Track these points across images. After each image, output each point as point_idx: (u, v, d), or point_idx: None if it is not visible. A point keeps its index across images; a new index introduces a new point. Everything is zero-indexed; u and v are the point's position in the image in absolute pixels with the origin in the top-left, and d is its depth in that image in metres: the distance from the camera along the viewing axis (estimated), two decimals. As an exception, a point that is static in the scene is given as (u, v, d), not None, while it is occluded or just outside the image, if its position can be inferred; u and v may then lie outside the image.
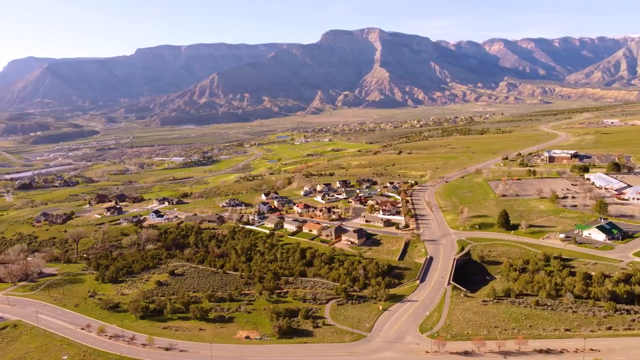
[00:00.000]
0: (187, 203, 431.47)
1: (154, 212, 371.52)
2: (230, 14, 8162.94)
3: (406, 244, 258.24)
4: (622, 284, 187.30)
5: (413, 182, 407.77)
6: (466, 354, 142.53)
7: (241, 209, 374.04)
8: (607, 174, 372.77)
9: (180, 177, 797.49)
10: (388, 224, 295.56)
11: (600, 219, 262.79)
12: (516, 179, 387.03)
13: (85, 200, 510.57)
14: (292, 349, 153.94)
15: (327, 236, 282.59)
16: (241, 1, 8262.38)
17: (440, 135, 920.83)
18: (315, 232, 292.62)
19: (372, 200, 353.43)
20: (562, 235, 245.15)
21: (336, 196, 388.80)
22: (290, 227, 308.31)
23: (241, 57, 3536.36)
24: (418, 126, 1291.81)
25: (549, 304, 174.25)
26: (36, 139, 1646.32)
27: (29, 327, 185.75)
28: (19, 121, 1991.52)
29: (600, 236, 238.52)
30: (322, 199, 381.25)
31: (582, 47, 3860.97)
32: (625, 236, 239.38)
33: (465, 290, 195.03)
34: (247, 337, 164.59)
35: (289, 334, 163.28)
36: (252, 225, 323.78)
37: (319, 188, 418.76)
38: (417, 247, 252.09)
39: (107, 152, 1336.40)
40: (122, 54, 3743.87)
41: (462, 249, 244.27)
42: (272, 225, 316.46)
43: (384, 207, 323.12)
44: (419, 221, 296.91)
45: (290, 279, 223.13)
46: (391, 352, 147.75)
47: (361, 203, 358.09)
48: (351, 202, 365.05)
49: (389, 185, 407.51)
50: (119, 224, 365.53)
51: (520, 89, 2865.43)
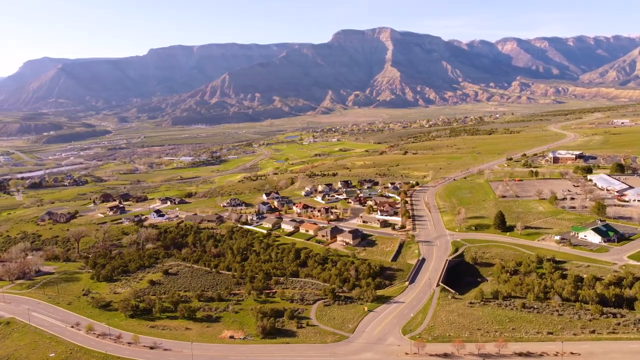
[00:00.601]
0: (189, 203, 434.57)
1: (155, 211, 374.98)
2: (242, 14, 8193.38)
3: (400, 245, 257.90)
4: (613, 287, 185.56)
5: (414, 183, 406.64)
6: (445, 356, 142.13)
7: (241, 209, 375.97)
8: (610, 175, 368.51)
9: (187, 177, 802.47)
10: (385, 224, 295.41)
11: (598, 220, 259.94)
12: (518, 180, 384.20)
13: (90, 199, 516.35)
14: (274, 349, 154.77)
15: (323, 237, 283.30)
16: (253, 1, 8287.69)
17: (448, 135, 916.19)
18: (311, 232, 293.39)
19: (371, 200, 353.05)
20: (557, 237, 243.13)
21: (336, 196, 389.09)
22: (287, 227, 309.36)
23: (252, 57, 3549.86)
24: (427, 126, 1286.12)
25: (535, 306, 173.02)
26: (49, 139, 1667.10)
27: (21, 324, 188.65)
28: (32, 121, 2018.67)
29: (595, 238, 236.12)
30: (322, 200, 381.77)
31: (596, 46, 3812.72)
32: (621, 238, 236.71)
33: (453, 292, 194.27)
34: (232, 337, 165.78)
35: (272, 334, 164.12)
36: (251, 225, 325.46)
37: (320, 188, 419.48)
38: (411, 248, 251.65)
39: (118, 151, 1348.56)
40: (135, 54, 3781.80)
41: (456, 250, 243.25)
42: (270, 226, 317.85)
43: (382, 208, 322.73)
44: (416, 222, 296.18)
45: (282, 279, 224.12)
46: (371, 354, 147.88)
47: (360, 203, 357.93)
48: (350, 202, 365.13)
49: (390, 185, 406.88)
50: (121, 223, 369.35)
51: (533, 88, 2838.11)
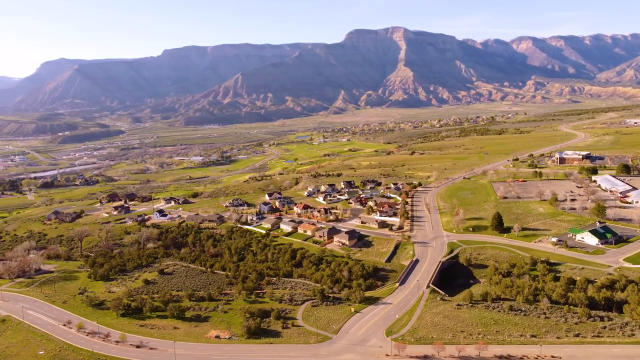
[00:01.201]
0: (193, 203, 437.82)
1: (157, 211, 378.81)
2: (255, 15, 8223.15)
3: (396, 246, 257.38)
4: (605, 289, 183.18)
5: (417, 183, 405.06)
6: (426, 358, 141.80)
7: (243, 209, 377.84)
8: (615, 176, 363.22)
9: (196, 177, 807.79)
10: (383, 225, 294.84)
11: (597, 222, 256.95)
12: (521, 181, 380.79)
13: (97, 199, 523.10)
14: (256, 349, 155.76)
15: (320, 237, 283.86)
16: (267, 2, 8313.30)
17: (457, 135, 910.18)
18: (309, 232, 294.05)
19: (372, 201, 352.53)
20: (554, 239, 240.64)
21: (338, 197, 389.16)
22: (286, 227, 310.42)
23: (265, 57, 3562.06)
24: (438, 126, 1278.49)
25: (523, 309, 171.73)
26: (64, 139, 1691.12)
27: (16, 322, 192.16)
28: (48, 121, 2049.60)
29: (592, 240, 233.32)
30: (324, 200, 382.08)
31: (614, 44, 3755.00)
32: (619, 240, 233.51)
33: (443, 293, 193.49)
34: (217, 337, 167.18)
35: (257, 334, 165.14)
36: (250, 225, 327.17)
37: (322, 189, 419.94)
38: (407, 249, 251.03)
39: (130, 151, 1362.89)
40: (150, 55, 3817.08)
41: (451, 251, 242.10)
42: (269, 226, 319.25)
43: (381, 209, 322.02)
44: (414, 223, 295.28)
45: (274, 279, 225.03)
46: (352, 355, 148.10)
47: (361, 204, 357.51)
48: (351, 203, 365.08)
49: (392, 186, 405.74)
50: (124, 222, 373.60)
51: (548, 87, 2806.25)
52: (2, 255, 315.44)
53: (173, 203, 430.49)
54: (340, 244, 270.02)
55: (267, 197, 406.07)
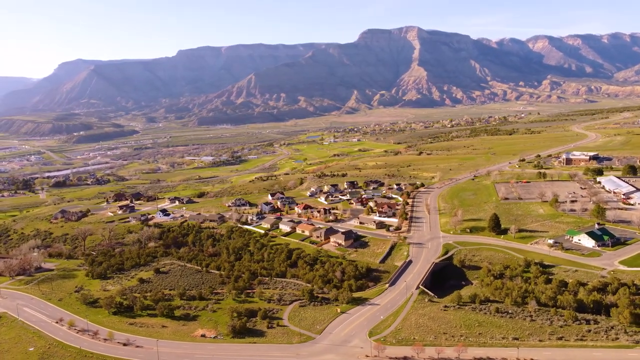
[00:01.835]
0: (197, 202, 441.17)
1: (160, 210, 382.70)
2: (269, 15, 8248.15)
3: (392, 247, 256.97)
4: (596, 292, 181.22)
5: (419, 184, 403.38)
6: (405, 359, 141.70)
7: (245, 209, 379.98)
8: (620, 177, 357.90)
9: (205, 177, 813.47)
10: (380, 226, 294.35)
11: (596, 224, 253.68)
12: (525, 182, 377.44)
13: (104, 198, 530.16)
14: (239, 349, 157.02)
15: (318, 237, 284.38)
16: (280, 2, 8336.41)
17: (468, 135, 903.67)
18: (307, 233, 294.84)
19: (372, 202, 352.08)
20: (550, 241, 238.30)
21: (340, 197, 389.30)
22: (285, 227, 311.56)
23: (279, 57, 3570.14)
24: (449, 126, 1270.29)
25: (510, 311, 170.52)
26: (79, 138, 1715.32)
27: (11, 319, 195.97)
28: (64, 121, 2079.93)
29: (589, 242, 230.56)
30: (325, 200, 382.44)
31: (633, 43, 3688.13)
32: (616, 243, 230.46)
33: (432, 295, 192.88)
34: (203, 336, 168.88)
35: (242, 333, 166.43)
36: (250, 225, 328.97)
37: (325, 189, 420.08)
38: (402, 250, 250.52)
39: (143, 151, 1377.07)
40: (165, 56, 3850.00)
41: (446, 252, 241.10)
42: (268, 226, 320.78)
43: (381, 209, 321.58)
44: (413, 224, 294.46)
45: (267, 279, 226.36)
46: (333, 355, 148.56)
47: (362, 204, 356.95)
48: (353, 203, 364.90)
49: (394, 186, 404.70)
50: (128, 221, 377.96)
51: (564, 87, 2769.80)
52: (7, 253, 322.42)
53: (177, 203, 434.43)
54: (337, 245, 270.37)
55: (269, 197, 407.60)
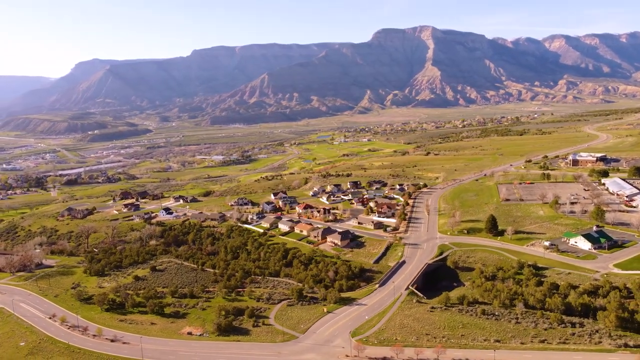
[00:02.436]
0: (200, 201, 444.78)
1: (164, 209, 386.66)
2: (283, 15, 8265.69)
3: (387, 247, 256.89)
4: (586, 295, 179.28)
5: (421, 184, 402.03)
6: (385, 359, 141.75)
7: (247, 208, 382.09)
8: (625, 179, 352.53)
9: (215, 175, 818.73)
10: (378, 226, 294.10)
11: (596, 226, 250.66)
12: (528, 183, 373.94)
13: (111, 196, 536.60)
14: (223, 346, 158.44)
15: (315, 237, 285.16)
16: (294, 1, 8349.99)
17: (478, 135, 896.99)
18: (305, 232, 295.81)
19: (373, 202, 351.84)
20: (546, 243, 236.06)
21: (342, 197, 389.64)
22: (283, 227, 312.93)
23: (293, 57, 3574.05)
24: (460, 126, 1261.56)
25: (497, 313, 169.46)
26: (93, 137, 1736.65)
27: (7, 314, 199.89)
28: (80, 120, 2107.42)
29: (585, 245, 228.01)
30: (327, 200, 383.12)
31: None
32: (613, 245, 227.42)
33: (421, 296, 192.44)
34: (189, 333, 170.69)
35: (227, 331, 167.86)
36: (250, 224, 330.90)
37: (328, 189, 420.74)
38: (396, 251, 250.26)
39: (156, 150, 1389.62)
40: (179, 55, 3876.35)
41: (441, 253, 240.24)
42: (268, 225, 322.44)
43: (380, 209, 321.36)
44: (411, 224, 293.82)
45: (259, 278, 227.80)
46: (314, 354, 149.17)
47: (363, 205, 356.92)
48: (354, 203, 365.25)
49: (397, 187, 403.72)
50: (132, 220, 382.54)
51: (580, 87, 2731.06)
52: (11, 249, 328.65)
53: (181, 201, 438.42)
54: (333, 245, 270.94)
55: (272, 197, 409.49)
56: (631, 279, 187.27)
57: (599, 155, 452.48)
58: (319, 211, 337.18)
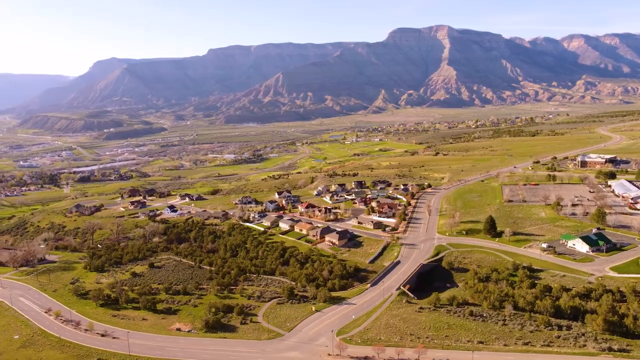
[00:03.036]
0: (206, 199, 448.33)
1: (168, 207, 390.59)
2: (298, 14, 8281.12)
3: (384, 247, 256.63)
4: (577, 298, 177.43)
5: (425, 185, 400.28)
6: (366, 359, 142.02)
7: (250, 207, 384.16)
8: (632, 181, 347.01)
9: (225, 174, 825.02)
10: (377, 226, 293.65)
11: (596, 229, 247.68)
12: (533, 184, 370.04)
13: (120, 194, 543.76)
14: (209, 343, 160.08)
15: (314, 236, 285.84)
16: (311, 1, 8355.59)
17: (490, 136, 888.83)
18: (304, 231, 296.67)
19: (375, 202, 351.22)
20: (544, 245, 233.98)
21: (345, 197, 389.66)
22: (284, 225, 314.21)
23: (308, 56, 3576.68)
24: (473, 127, 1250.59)
25: (484, 314, 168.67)
26: (109, 135, 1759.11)
27: (6, 307, 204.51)
28: (96, 118, 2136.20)
29: (583, 247, 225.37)
30: (330, 200, 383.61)
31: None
32: (612, 248, 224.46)
33: (412, 296, 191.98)
34: (178, 329, 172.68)
35: (215, 328, 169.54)
36: (252, 222, 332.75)
37: (332, 188, 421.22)
38: (393, 251, 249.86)
39: (169, 148, 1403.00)
40: (195, 55, 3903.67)
41: (437, 254, 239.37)
42: (269, 224, 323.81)
43: (381, 209, 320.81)
44: (410, 224, 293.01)
45: (254, 276, 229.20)
46: (297, 353, 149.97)
47: (365, 204, 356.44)
48: (356, 203, 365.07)
49: (401, 187, 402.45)
50: (137, 217, 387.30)
51: (599, 88, 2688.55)
52: (18, 245, 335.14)
53: (187, 199, 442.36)
54: (331, 244, 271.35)
55: (276, 196, 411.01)
56: (625, 283, 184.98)
57: (608, 156, 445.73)
58: (320, 210, 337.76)
